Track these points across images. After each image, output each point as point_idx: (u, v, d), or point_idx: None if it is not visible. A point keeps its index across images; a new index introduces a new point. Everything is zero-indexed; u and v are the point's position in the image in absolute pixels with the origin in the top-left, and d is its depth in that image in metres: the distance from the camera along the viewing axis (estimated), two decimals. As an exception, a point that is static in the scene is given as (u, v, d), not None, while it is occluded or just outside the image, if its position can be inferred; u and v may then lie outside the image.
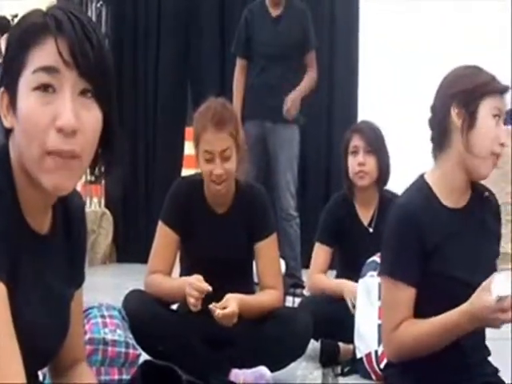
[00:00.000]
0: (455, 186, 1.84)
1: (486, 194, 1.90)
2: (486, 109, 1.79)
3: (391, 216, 1.86)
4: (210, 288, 2.38)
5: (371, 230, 3.18)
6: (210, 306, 2.39)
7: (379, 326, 2.76)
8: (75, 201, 1.37)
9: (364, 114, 6.03)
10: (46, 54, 1.13)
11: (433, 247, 1.77)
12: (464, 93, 1.80)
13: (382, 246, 1.87)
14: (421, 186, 1.87)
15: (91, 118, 1.16)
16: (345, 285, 3.02)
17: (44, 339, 1.23)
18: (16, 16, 6.78)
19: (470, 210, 1.87)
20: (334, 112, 6.07)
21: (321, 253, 3.21)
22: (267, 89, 4.42)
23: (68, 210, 1.34)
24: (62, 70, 1.13)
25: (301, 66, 4.56)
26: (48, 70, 1.12)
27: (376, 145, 3.14)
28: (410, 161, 5.60)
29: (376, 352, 2.73)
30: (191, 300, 2.37)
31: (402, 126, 5.86)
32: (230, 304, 2.39)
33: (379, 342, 2.74)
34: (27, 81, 1.13)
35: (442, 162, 1.85)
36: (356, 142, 3.16)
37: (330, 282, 3.18)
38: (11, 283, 1.10)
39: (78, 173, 1.17)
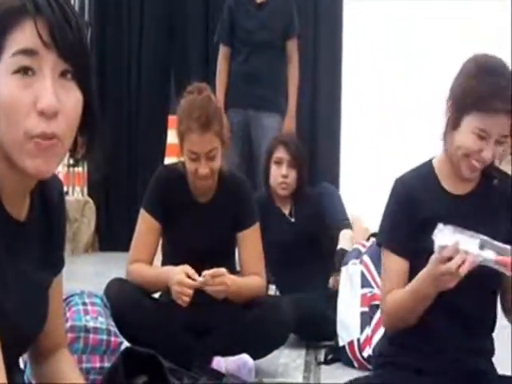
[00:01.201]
0: (453, 170, 1.84)
1: (496, 181, 1.85)
2: (467, 124, 1.74)
3: (392, 190, 1.90)
4: (199, 279, 2.37)
5: (293, 220, 3.46)
6: (203, 273, 2.37)
7: (362, 313, 2.77)
8: (53, 185, 1.36)
9: (348, 104, 6.05)
10: (24, 36, 1.11)
11: (424, 221, 1.78)
12: (456, 95, 1.78)
13: (382, 218, 1.92)
14: (424, 167, 1.90)
15: (72, 99, 1.15)
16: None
17: (22, 326, 1.22)
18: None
19: (473, 198, 1.85)
20: (317, 102, 6.06)
21: None
22: (250, 77, 4.42)
23: (46, 195, 1.33)
24: (41, 52, 1.11)
25: (284, 53, 4.56)
26: (27, 52, 1.10)
27: (299, 159, 3.43)
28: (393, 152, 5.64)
29: (358, 340, 2.75)
30: (184, 298, 2.34)
31: (387, 120, 5.90)
32: (222, 271, 2.39)
33: (362, 330, 2.75)
34: (6, 65, 1.11)
35: (447, 146, 1.84)
36: (281, 153, 3.43)
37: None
38: None
39: (59, 156, 1.16)
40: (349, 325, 2.78)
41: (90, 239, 6.05)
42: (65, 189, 5.22)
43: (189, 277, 2.38)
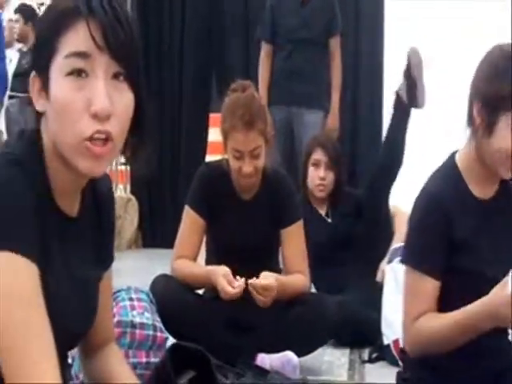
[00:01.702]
0: (482, 173, 1.74)
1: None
2: (505, 125, 1.64)
3: (418, 202, 1.76)
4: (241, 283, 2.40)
5: (329, 220, 3.46)
6: (250, 281, 2.38)
7: None
8: (103, 183, 1.38)
9: (389, 103, 5.99)
10: (78, 38, 1.12)
11: (460, 241, 1.70)
12: (485, 96, 1.67)
13: (407, 232, 1.79)
14: (451, 172, 1.77)
15: (124, 101, 1.16)
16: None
17: (72, 322, 1.24)
18: (42, 4, 6.83)
19: (496, 202, 1.77)
20: (358, 101, 6.01)
21: None
22: (293, 74, 4.41)
23: (97, 192, 1.35)
24: (94, 54, 1.12)
25: (326, 51, 4.54)
26: (81, 55, 1.12)
27: (337, 161, 3.42)
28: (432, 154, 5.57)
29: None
30: (236, 290, 2.38)
31: (429, 119, 5.83)
32: (269, 279, 2.40)
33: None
34: (60, 66, 1.13)
35: (469, 144, 1.74)
36: (318, 155, 3.42)
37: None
38: (41, 265, 1.11)
39: (111, 156, 1.17)
40: (394, 323, 2.76)
41: (133, 236, 6.10)
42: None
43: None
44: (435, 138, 5.54)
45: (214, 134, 6.03)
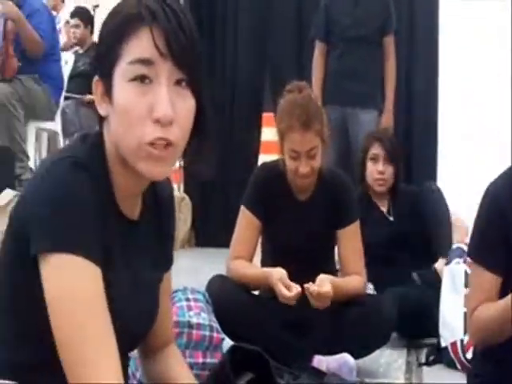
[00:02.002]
0: None
1: None
2: None
3: (482, 198, 1.80)
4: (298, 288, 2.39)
5: (391, 218, 3.43)
6: (306, 285, 2.37)
7: (465, 314, 2.70)
8: (165, 186, 1.39)
9: (445, 103, 5.92)
10: (141, 45, 1.13)
11: None
12: None
13: (472, 228, 1.83)
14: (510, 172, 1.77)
15: (186, 107, 1.17)
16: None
17: (133, 324, 1.25)
18: (97, 6, 6.91)
19: None
20: (413, 99, 5.93)
21: None
22: (347, 73, 4.38)
23: (157, 194, 1.36)
24: (157, 61, 1.13)
25: (380, 49, 4.50)
26: (144, 62, 1.13)
27: (394, 155, 3.41)
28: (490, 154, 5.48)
29: (462, 341, 2.68)
30: (293, 293, 2.38)
31: (485, 117, 5.73)
32: (325, 284, 2.38)
33: (465, 331, 2.68)
34: (123, 72, 1.14)
35: None
36: (376, 150, 3.42)
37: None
38: (104, 267, 1.12)
39: (173, 160, 1.18)
40: (452, 325, 2.72)
41: (186, 235, 6.14)
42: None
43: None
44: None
45: (267, 134, 6.04)
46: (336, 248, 2.70)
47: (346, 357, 2.43)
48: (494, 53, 6.07)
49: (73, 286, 1.08)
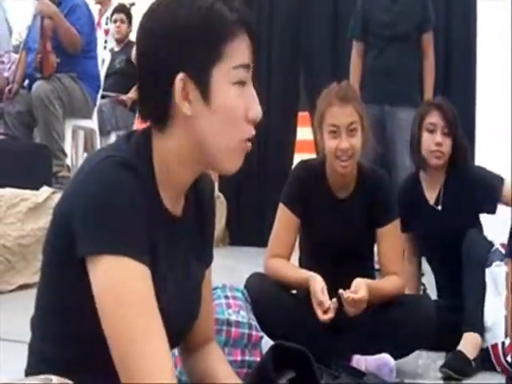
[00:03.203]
0: None
1: None
2: None
3: None
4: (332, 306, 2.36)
5: (439, 207, 3.05)
6: (340, 291, 2.35)
7: (505, 317, 2.66)
8: (206, 184, 1.40)
9: (482, 100, 5.85)
10: (243, 50, 1.21)
11: None
12: None
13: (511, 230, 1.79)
14: None
15: None
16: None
17: (176, 321, 1.25)
18: (133, 4, 6.95)
19: None
20: (451, 96, 5.86)
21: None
22: (385, 71, 4.36)
23: (199, 191, 1.36)
24: (251, 65, 1.22)
25: (419, 47, 4.46)
26: (246, 67, 1.21)
27: (454, 125, 3.02)
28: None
29: (503, 344, 2.63)
30: (322, 318, 2.36)
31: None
32: (361, 289, 2.35)
33: (506, 334, 2.64)
34: (226, 75, 1.19)
35: None
36: (434, 119, 3.02)
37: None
38: (151, 266, 1.13)
39: None
40: (493, 327, 2.67)
41: (221, 234, 6.15)
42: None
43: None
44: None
45: (303, 133, 6.02)
46: (375, 247, 2.68)
47: (385, 357, 2.41)
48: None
49: (122, 288, 1.09)
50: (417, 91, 4.48)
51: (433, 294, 3.06)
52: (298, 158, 5.57)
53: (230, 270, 4.28)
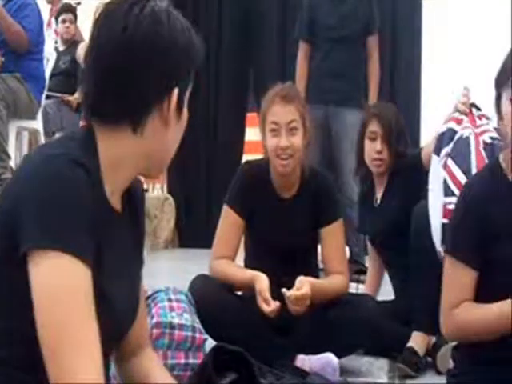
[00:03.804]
0: None
1: None
2: (505, 97, 1.67)
3: (461, 192, 1.81)
4: (277, 304, 2.37)
5: (377, 204, 3.09)
6: (283, 290, 2.36)
7: (443, 225, 2.44)
8: (137, 185, 1.41)
9: (427, 100, 5.95)
10: None
11: (495, 236, 1.68)
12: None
13: (450, 223, 1.81)
14: (492, 167, 1.77)
15: None
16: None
17: (119, 321, 1.25)
18: (79, 3, 6.87)
19: None
20: (396, 98, 5.96)
21: None
22: (331, 73, 4.40)
23: (132, 193, 1.36)
24: None
25: (364, 49, 4.51)
26: None
27: (392, 134, 3.03)
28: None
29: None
30: (266, 309, 2.37)
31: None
32: (303, 286, 2.37)
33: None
34: (188, 93, 1.31)
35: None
36: (374, 127, 3.05)
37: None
38: (96, 262, 1.13)
39: None
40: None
41: (169, 235, 6.12)
42: (145, 186, 5.29)
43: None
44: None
45: (251, 134, 6.04)
46: (319, 247, 2.70)
47: (329, 356, 2.43)
48: (477, 51, 6.11)
49: (59, 285, 1.08)
50: (362, 93, 4.52)
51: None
52: (246, 158, 5.58)
53: (179, 272, 4.27)
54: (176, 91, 1.25)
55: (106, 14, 1.24)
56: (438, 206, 2.46)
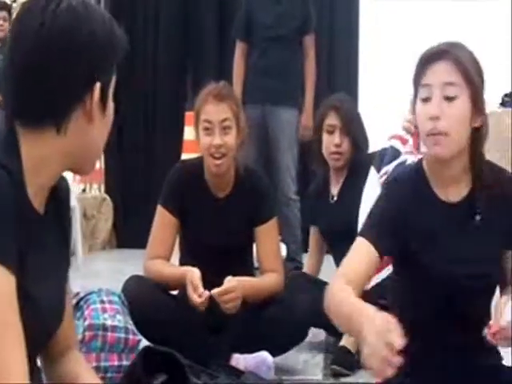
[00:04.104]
0: (445, 174, 1.72)
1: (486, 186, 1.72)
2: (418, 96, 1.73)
3: (386, 186, 1.83)
4: (207, 293, 2.36)
5: (334, 200, 3.10)
6: (213, 292, 2.36)
7: None
8: (62, 184, 1.38)
9: (364, 98, 6.02)
10: None
11: (412, 234, 1.70)
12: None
13: (371, 210, 1.78)
14: (416, 170, 1.78)
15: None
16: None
17: (45, 324, 1.23)
18: (14, 1, 6.72)
19: (468, 205, 1.73)
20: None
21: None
22: (267, 72, 4.40)
23: (55, 191, 1.34)
24: None
25: (301, 49, 4.54)
26: None
27: (353, 126, 3.03)
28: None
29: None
30: (196, 301, 2.36)
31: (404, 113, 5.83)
32: (232, 287, 2.37)
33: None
34: (111, 87, 1.26)
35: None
36: (332, 120, 3.03)
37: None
38: (20, 265, 1.11)
39: None
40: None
41: (107, 236, 6.05)
42: (82, 186, 5.23)
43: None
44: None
45: (190, 133, 6.00)
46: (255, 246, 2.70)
47: (263, 355, 2.43)
48: (413, 51, 6.20)
49: None
50: (299, 92, 4.54)
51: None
52: (185, 157, 5.55)
53: (116, 273, 4.22)
54: (98, 86, 1.21)
55: (24, 11, 1.21)
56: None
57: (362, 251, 1.67)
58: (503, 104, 5.17)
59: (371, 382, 1.86)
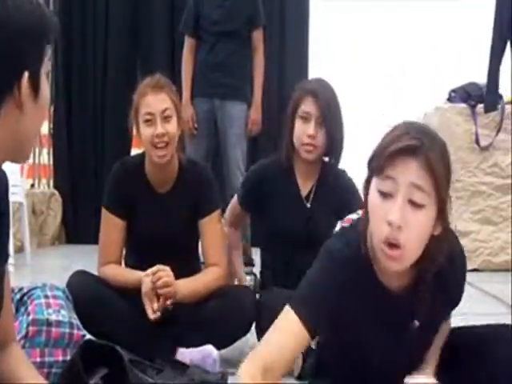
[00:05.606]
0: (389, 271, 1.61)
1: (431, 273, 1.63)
2: (374, 185, 1.57)
3: (320, 255, 1.68)
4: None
5: (308, 204, 2.76)
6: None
7: None
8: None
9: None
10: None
11: (346, 319, 1.66)
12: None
13: (305, 280, 1.67)
14: (360, 247, 1.63)
15: None
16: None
17: None
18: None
19: (411, 293, 1.66)
20: (284, 90, 6.06)
21: None
22: (216, 66, 4.43)
23: None
24: None
25: (250, 43, 4.56)
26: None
27: (331, 115, 2.63)
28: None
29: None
30: (150, 317, 2.39)
31: (357, 109, 5.91)
32: (162, 267, 2.42)
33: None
34: (45, 74, 1.27)
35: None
36: (309, 107, 2.64)
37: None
38: None
39: None
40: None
41: (56, 232, 6.01)
42: (31, 181, 5.18)
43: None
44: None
45: (139, 128, 5.98)
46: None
47: (208, 348, 2.44)
48: (363, 47, 6.28)
49: None
50: (248, 86, 4.57)
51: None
52: (134, 152, 5.53)
53: (66, 269, 4.17)
54: (26, 74, 1.21)
55: None
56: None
57: (289, 331, 1.57)
58: (450, 100, 5.27)
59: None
